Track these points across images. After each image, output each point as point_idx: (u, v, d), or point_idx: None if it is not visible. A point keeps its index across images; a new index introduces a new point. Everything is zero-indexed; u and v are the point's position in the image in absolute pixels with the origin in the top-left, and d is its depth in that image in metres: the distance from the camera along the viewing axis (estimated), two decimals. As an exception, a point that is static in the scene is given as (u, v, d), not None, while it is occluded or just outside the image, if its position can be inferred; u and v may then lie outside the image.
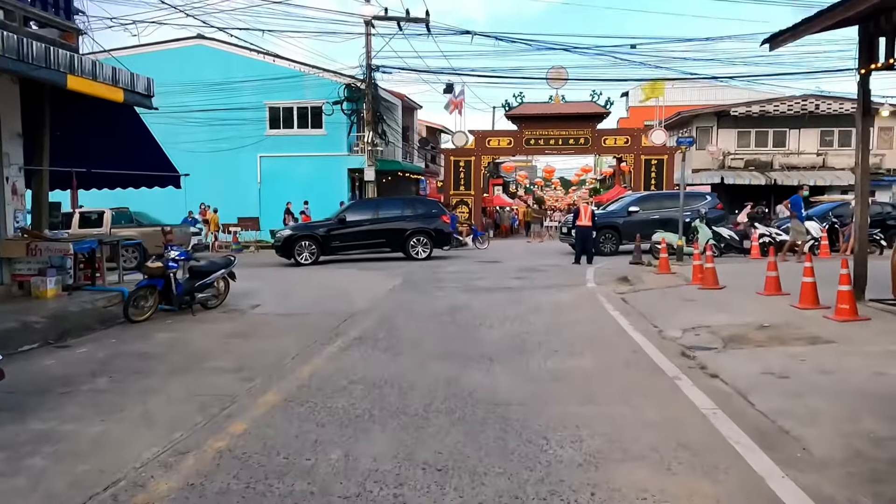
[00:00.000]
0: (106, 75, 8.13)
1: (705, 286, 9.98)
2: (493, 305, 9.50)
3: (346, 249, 17.09)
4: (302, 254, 16.47)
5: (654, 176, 27.38)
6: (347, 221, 16.90)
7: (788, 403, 4.65)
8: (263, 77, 25.14)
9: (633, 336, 7.27)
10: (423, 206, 17.85)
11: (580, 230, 15.64)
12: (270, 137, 26.17)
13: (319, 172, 25.95)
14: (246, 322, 8.48)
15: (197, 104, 25.65)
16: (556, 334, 7.37)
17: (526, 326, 7.88)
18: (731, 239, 16.22)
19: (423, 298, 10.29)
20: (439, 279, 12.97)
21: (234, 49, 25.81)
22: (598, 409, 4.69)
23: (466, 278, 13.05)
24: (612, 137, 28.14)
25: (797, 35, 8.28)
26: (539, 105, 28.35)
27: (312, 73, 25.25)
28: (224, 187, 26.06)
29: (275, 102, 25.99)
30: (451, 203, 28.48)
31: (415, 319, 8.45)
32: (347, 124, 24.88)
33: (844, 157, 29.54)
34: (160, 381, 5.58)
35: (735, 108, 29.55)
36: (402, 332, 7.61)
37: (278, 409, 4.75)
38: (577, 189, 76.84)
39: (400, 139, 30.47)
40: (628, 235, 18.17)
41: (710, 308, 8.38)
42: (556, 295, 10.51)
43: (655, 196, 19.55)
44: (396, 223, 17.19)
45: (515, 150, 29.13)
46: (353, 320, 8.40)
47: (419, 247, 17.17)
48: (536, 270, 14.31)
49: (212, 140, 25.86)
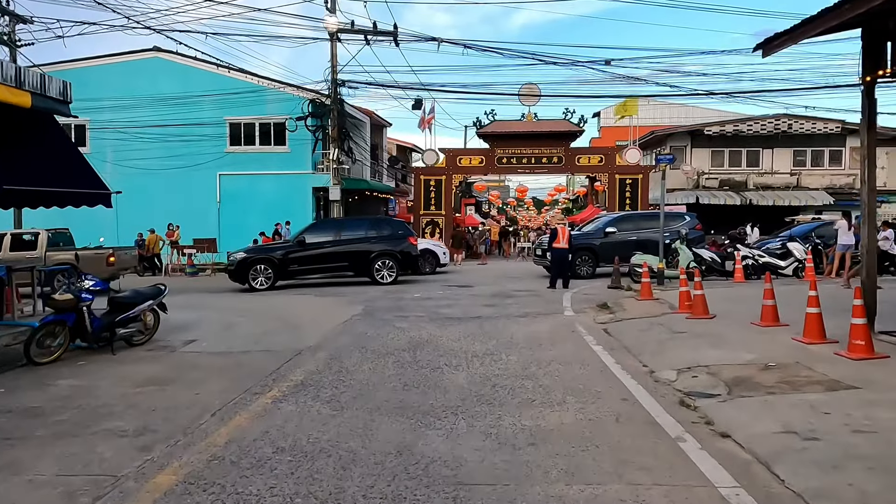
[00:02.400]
0: (8, 75, 6.96)
1: (694, 315, 9.07)
2: (461, 339, 8.45)
3: (305, 273, 15.90)
4: (257, 278, 15.23)
5: (628, 195, 26.77)
6: (307, 243, 15.72)
7: (828, 480, 3.66)
8: (223, 91, 24.00)
9: (620, 379, 6.27)
10: (389, 228, 16.74)
11: (556, 253, 14.71)
12: (231, 154, 24.93)
13: (282, 191, 24.75)
14: (172, 364, 7.27)
15: (153, 119, 24.38)
16: (533, 377, 6.33)
17: (498, 366, 6.84)
18: (713, 261, 15.47)
19: (382, 331, 9.19)
20: (403, 307, 11.88)
21: (192, 62, 24.65)
22: (588, 490, 3.65)
23: (433, 306, 11.98)
24: (586, 156, 27.52)
25: (795, 38, 7.47)
26: (511, 123, 27.64)
27: (275, 88, 24.14)
28: (181, 207, 24.71)
29: (235, 118, 24.80)
30: (421, 224, 27.48)
31: (370, 358, 7.34)
32: (312, 141, 23.77)
33: (817, 177, 29.40)
34: (32, 452, 4.38)
35: (709, 127, 29.22)
36: (352, 376, 6.49)
37: (171, 498, 3.60)
38: (550, 209, 76.60)
39: (368, 157, 29.44)
40: (605, 257, 17.33)
41: (704, 342, 7.44)
42: (531, 325, 9.50)
43: (633, 216, 18.78)
44: (360, 245, 16.07)
45: (487, 169, 28.31)
46: (298, 360, 7.27)
47: (384, 270, 16.06)
48: (510, 296, 13.31)
49: (168, 157, 24.55)
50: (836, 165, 29.71)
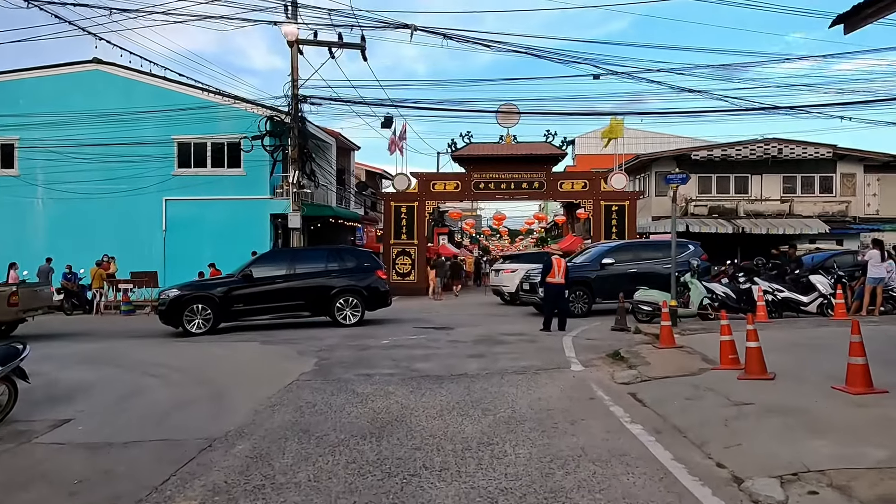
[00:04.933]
0: None
1: (750, 375, 6.90)
2: (444, 413, 6.14)
3: (253, 314, 13.40)
4: (193, 321, 12.69)
5: (614, 223, 24.89)
6: (255, 278, 13.27)
7: None
8: (171, 107, 21.59)
9: (696, 494, 4.03)
10: (353, 259, 14.31)
11: (551, 289, 12.53)
12: (179, 177, 22.40)
13: (237, 218, 22.27)
14: (11, 468, 4.81)
15: (91, 137, 21.80)
16: (560, 493, 4.05)
17: (502, 469, 4.55)
18: (727, 297, 13.45)
19: (337, 400, 6.82)
20: (368, 359, 9.52)
21: (137, 75, 22.28)
22: None
23: (406, 357, 9.65)
24: (569, 181, 25.64)
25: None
26: (489, 145, 25.70)
27: (228, 104, 21.81)
28: (122, 235, 22.08)
29: (184, 137, 22.34)
30: (392, 254, 25.17)
31: (312, 455, 4.98)
32: (270, 163, 21.41)
33: (809, 205, 28.01)
34: None
35: (696, 151, 27.71)
36: (280, 495, 4.13)
37: None
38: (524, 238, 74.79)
39: (334, 182, 27.18)
40: (603, 293, 15.25)
41: (793, 424, 5.25)
42: (534, 389, 7.23)
43: (632, 245, 16.74)
44: (319, 279, 13.65)
45: (463, 195, 26.21)
46: (203, 460, 4.87)
47: (347, 309, 13.65)
48: (498, 342, 11.03)
49: (108, 180, 21.98)
50: (826, 193, 28.38)
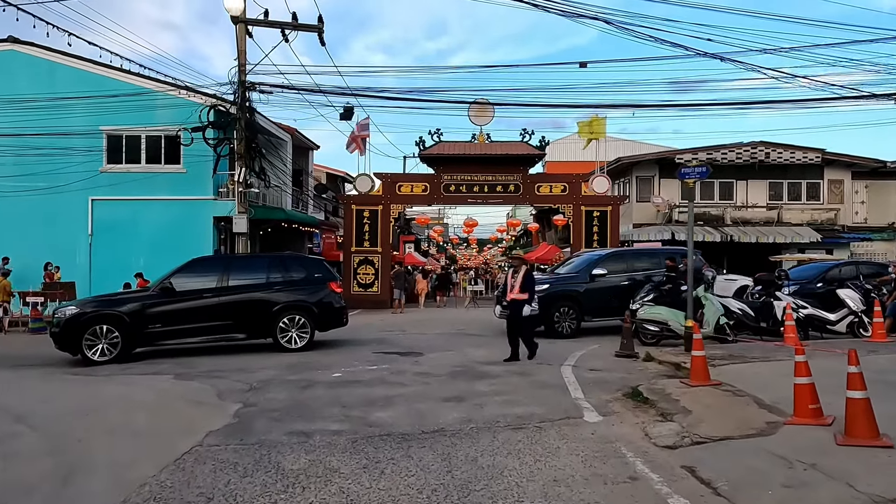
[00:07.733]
0: None
1: (857, 440, 4.78)
2: (412, 517, 3.85)
3: (174, 336, 10.81)
4: (94, 346, 10.10)
5: (596, 230, 22.97)
6: (178, 292, 10.75)
7: None
8: (100, 93, 18.87)
9: None
10: (301, 269, 11.81)
11: (511, 307, 9.95)
12: (108, 174, 19.63)
13: (175, 221, 19.62)
14: None
15: (4, 126, 18.97)
16: None
17: None
18: (744, 314, 11.50)
19: (249, 490, 4.45)
20: (310, 404, 7.14)
21: (60, 57, 19.51)
22: None
23: (361, 399, 7.30)
24: (547, 184, 23.63)
25: None
26: (460, 144, 23.56)
27: (164, 91, 19.17)
28: (39, 240, 19.15)
29: (115, 128, 19.62)
30: (353, 262, 22.76)
31: None
32: (213, 158, 18.82)
33: (797, 212, 26.60)
34: None
35: (680, 155, 26.02)
36: None
37: None
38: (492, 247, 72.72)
39: (289, 183, 24.66)
40: (593, 310, 13.15)
41: None
42: (544, 459, 4.98)
43: (624, 254, 14.68)
44: (258, 293, 11.18)
45: (432, 198, 23.97)
46: None
47: (293, 330, 11.20)
48: (480, 376, 8.72)
49: (24, 175, 19.13)
50: (813, 200, 27.03)
